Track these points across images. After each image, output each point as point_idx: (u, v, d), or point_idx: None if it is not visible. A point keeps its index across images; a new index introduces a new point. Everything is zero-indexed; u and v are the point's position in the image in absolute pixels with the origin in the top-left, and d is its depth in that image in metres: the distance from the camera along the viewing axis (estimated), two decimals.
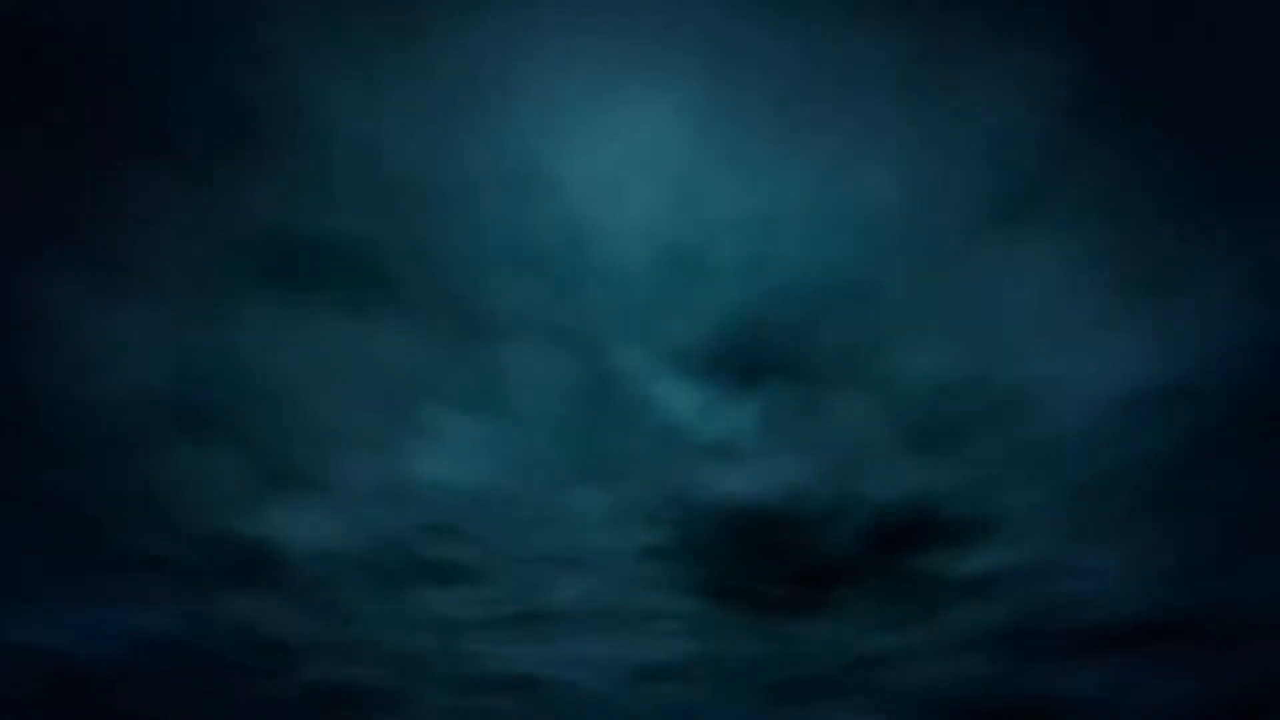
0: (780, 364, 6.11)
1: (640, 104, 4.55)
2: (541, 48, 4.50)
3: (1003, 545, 8.83)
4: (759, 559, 8.84)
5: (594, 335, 5.76)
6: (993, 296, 5.93)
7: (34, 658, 10.38)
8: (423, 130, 4.56)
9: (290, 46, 4.40)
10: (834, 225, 5.29)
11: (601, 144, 4.68)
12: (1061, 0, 4.38)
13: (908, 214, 5.35)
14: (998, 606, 9.96)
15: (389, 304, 5.44)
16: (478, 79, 4.53)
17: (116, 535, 8.38)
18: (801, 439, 6.88)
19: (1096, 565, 9.27)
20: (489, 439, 6.75)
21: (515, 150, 4.72)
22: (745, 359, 6.05)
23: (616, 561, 8.93)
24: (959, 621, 10.24)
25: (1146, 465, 7.45)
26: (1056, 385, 6.54)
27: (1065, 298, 5.98)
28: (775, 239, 5.24)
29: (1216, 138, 5.07)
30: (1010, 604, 9.89)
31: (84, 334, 6.01)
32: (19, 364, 6.27)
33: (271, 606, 9.47)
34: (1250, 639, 10.48)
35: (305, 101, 4.53)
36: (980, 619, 10.19)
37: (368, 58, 4.46)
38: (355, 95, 4.53)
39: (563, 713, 12.51)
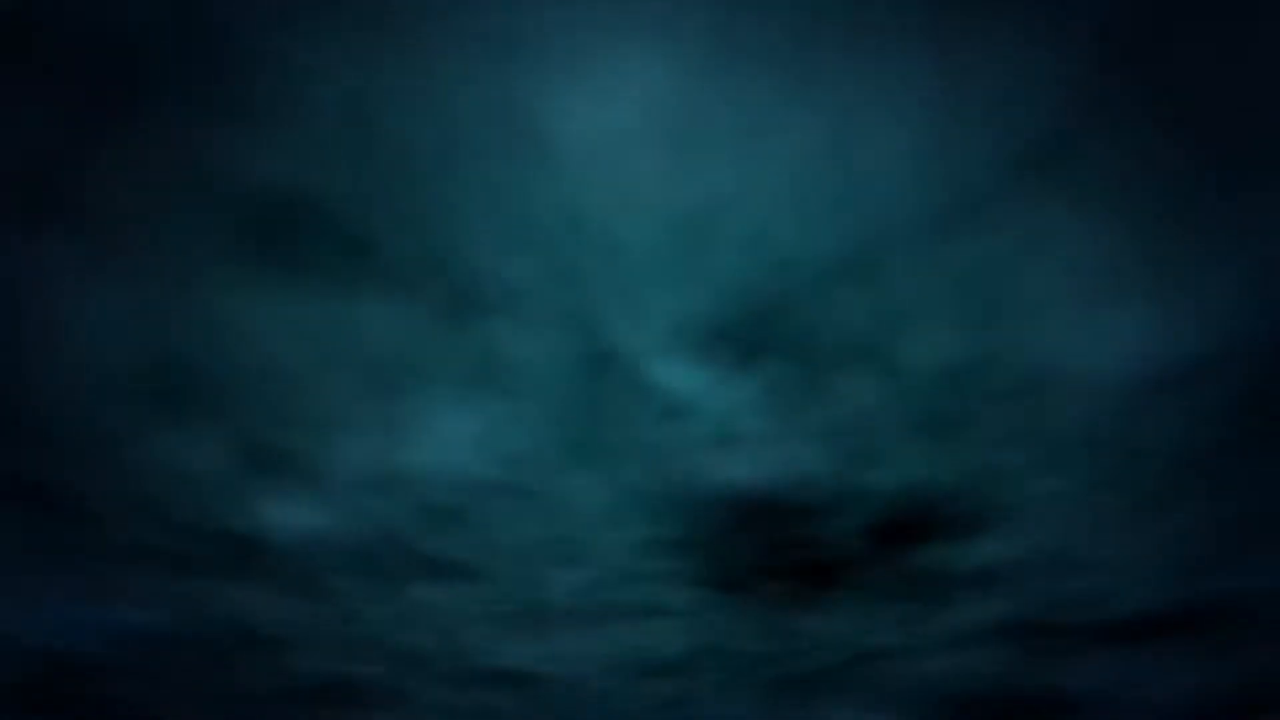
0: (784, 345, 5.89)
1: (639, 62, 4.33)
2: (538, 4, 4.28)
3: (1010, 537, 8.64)
4: (761, 551, 8.64)
5: (591, 313, 5.53)
6: (1004, 275, 5.72)
7: (19, 651, 10.18)
8: (410, 90, 4.34)
9: (274, 3, 4.18)
10: (841, 195, 5.07)
11: (598, 105, 4.45)
12: None
13: (917, 184, 5.14)
14: (1005, 600, 9.78)
15: (378, 278, 5.21)
16: (469, 35, 4.31)
17: (100, 525, 8.17)
18: (805, 424, 6.66)
19: (1106, 557, 9.09)
20: (482, 423, 6.53)
21: (509, 114, 4.49)
22: (747, 339, 5.83)
23: (615, 553, 8.73)
24: (965, 615, 10.05)
25: (1160, 454, 7.24)
26: (1070, 369, 6.32)
27: (1081, 275, 5.77)
28: (779, 210, 5.02)
29: (1251, 106, 4.86)
30: (1018, 597, 9.70)
31: (61, 313, 5.79)
32: None
33: (260, 598, 9.26)
34: (1262, 634, 10.30)
35: (290, 60, 4.30)
36: (987, 613, 10.01)
37: (353, 14, 4.23)
38: (341, 55, 4.30)
39: (561, 709, 12.32)
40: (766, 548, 8.54)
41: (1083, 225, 5.45)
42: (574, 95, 4.44)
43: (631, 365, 5.96)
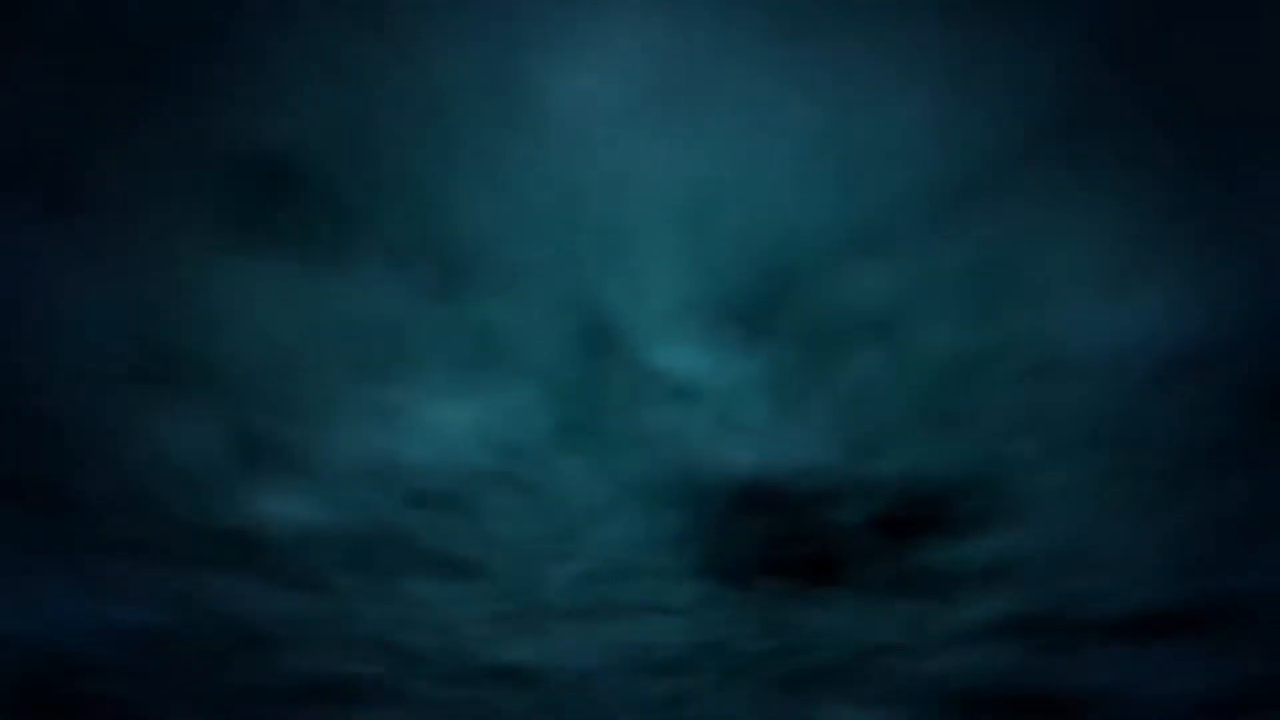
0: (789, 326, 5.75)
1: (639, 33, 4.19)
2: None
3: (1018, 531, 8.51)
4: (764, 543, 8.50)
5: (590, 292, 5.39)
6: (1014, 258, 5.58)
7: (10, 649, 10.03)
8: (403, 62, 4.20)
9: None
10: (849, 172, 4.94)
11: (596, 77, 4.32)
12: None
13: (925, 164, 5.01)
14: (1011, 596, 9.64)
15: (373, 254, 5.06)
16: (465, 6, 4.17)
17: (91, 520, 8.03)
18: (810, 410, 6.52)
19: (1114, 552, 8.95)
20: (479, 409, 6.38)
21: (504, 87, 4.36)
22: (752, 320, 5.69)
23: (616, 546, 8.59)
24: (971, 611, 9.92)
25: (1172, 443, 7.10)
26: (1080, 355, 6.19)
27: (1092, 259, 5.63)
28: (785, 186, 4.88)
29: (1265, 87, 4.73)
30: (1024, 593, 9.57)
31: (48, 299, 5.65)
32: None
33: (254, 593, 9.11)
34: (1272, 631, 10.16)
35: (283, 33, 4.18)
36: (993, 609, 9.87)
37: None
38: (335, 29, 4.17)
39: (561, 706, 12.18)
40: (770, 540, 8.40)
41: (1094, 208, 5.33)
42: (571, 67, 4.30)
43: (633, 347, 5.81)
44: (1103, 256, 5.66)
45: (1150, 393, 6.57)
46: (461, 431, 6.56)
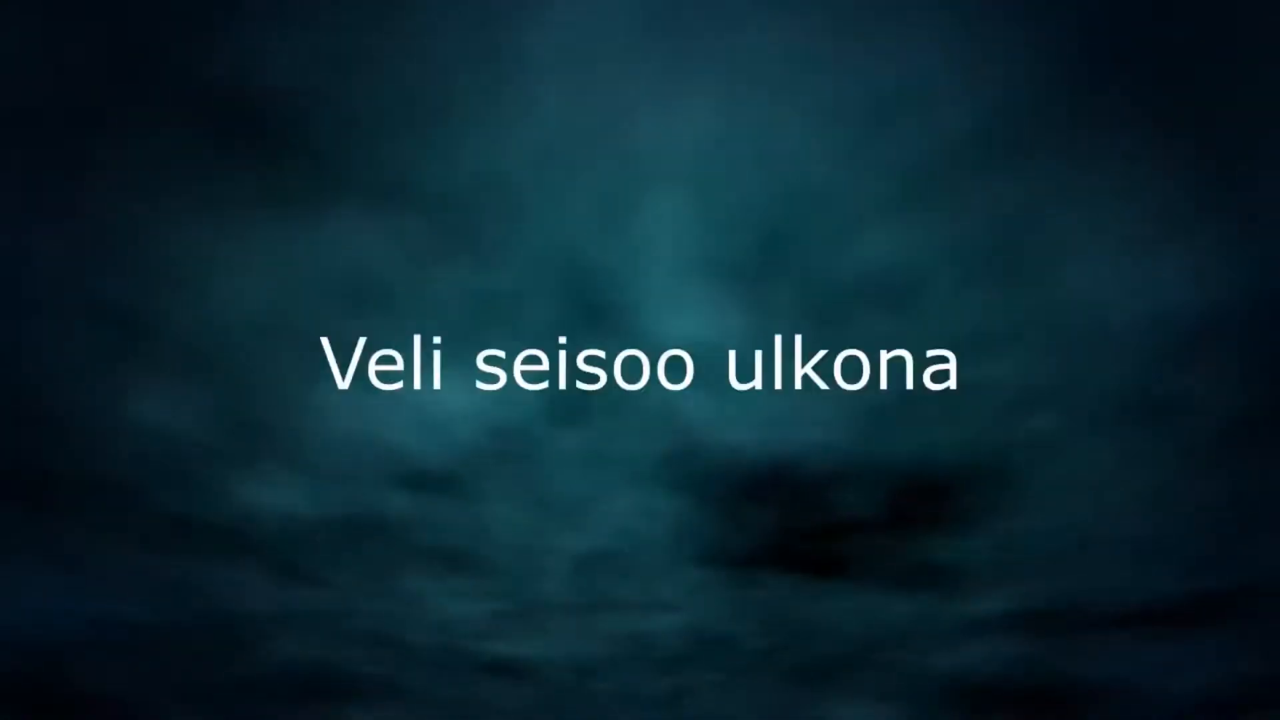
0: (796, 298, 5.53)
1: None
2: None
3: (1028, 520, 8.30)
4: (768, 531, 8.29)
5: (586, 259, 5.16)
6: (1037, 217, 5.37)
7: None
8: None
9: None
10: (858, 136, 4.72)
11: (593, 25, 4.10)
12: None
13: (938, 125, 4.80)
14: (1021, 588, 9.44)
15: (354, 209, 4.83)
16: None
17: (76, 509, 7.81)
18: (817, 387, 6.30)
19: (1129, 542, 8.75)
20: (470, 383, 6.15)
21: (490, 30, 4.14)
22: (757, 290, 5.47)
23: (616, 535, 8.39)
24: (980, 603, 9.71)
25: (1194, 419, 6.88)
26: (1101, 325, 5.98)
27: (1114, 225, 5.42)
28: (792, 141, 4.66)
29: None
30: (1035, 585, 9.37)
31: (13, 266, 5.43)
32: None
33: (245, 586, 8.88)
34: None
35: None
36: (1003, 601, 9.67)
37: None
38: None
39: (559, 702, 11.98)
40: (773, 529, 8.19)
41: (1114, 173, 5.13)
42: (566, 14, 4.09)
43: (633, 316, 5.58)
44: (1122, 226, 5.46)
45: (1171, 366, 6.36)
46: (454, 408, 6.34)
